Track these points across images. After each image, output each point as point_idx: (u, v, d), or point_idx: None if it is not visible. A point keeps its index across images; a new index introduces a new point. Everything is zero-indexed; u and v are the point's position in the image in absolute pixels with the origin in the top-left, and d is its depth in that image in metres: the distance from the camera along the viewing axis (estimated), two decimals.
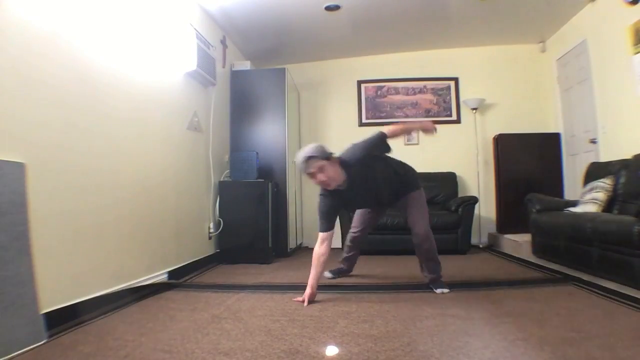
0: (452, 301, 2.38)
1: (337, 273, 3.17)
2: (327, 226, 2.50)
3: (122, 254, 2.59)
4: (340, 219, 4.40)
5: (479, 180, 5.19)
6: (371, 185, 2.51)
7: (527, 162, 4.92)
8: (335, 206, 2.52)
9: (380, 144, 2.44)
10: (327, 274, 3.08)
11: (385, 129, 2.47)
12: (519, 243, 4.20)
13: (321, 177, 2.29)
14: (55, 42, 2.09)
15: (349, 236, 3.08)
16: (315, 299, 2.45)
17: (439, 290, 2.60)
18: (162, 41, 3.17)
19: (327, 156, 2.31)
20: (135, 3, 2.82)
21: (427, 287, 2.70)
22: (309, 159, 2.28)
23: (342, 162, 2.38)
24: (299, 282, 2.88)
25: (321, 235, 2.51)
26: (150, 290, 2.75)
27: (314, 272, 2.46)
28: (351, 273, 3.24)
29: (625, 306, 2.13)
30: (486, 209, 5.16)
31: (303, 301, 2.38)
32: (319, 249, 2.49)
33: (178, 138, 3.45)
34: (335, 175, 2.33)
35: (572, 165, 4.74)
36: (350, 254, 3.15)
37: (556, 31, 4.89)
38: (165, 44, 3.21)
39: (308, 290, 2.42)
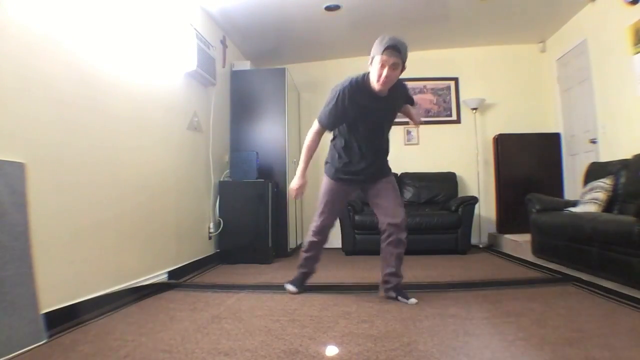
0: (452, 301, 2.38)
1: (301, 282, 2.66)
2: (331, 125, 2.33)
3: (122, 254, 2.59)
4: (339, 218, 4.41)
5: (479, 180, 5.20)
6: (378, 125, 2.35)
7: (527, 162, 4.92)
8: (347, 109, 2.25)
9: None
10: (291, 287, 2.64)
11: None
12: (519, 243, 4.20)
13: (390, 71, 2.11)
14: (56, 43, 2.09)
15: (318, 226, 2.54)
16: (315, 299, 2.45)
17: (412, 301, 2.33)
18: (162, 41, 3.17)
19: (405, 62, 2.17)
20: (135, 4, 2.82)
21: (395, 297, 2.39)
22: (406, 49, 2.11)
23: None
24: None
25: (318, 128, 2.34)
26: (150, 290, 2.75)
27: (304, 164, 2.36)
28: (349, 273, 2.97)
29: (625, 306, 2.13)
30: (486, 209, 5.16)
31: (295, 195, 2.33)
32: (312, 141, 2.34)
33: (178, 138, 3.45)
34: (394, 80, 2.18)
35: (572, 165, 4.74)
36: (313, 253, 2.61)
37: (556, 31, 4.89)
38: (165, 44, 3.21)
39: (299, 181, 2.34)
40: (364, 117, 2.28)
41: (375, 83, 2.18)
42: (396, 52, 2.08)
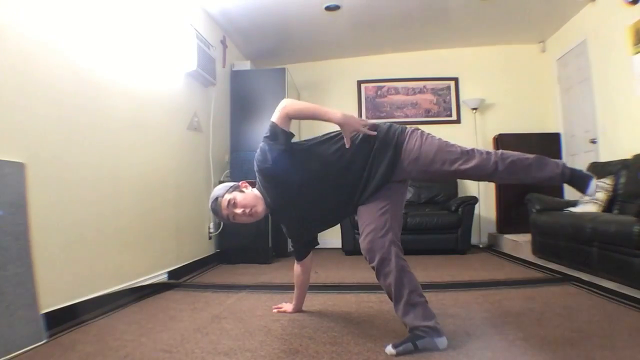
0: (452, 301, 2.38)
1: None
2: (298, 254, 2.13)
3: (122, 254, 2.59)
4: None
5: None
6: (296, 204, 1.85)
7: None
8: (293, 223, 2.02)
9: (270, 141, 1.82)
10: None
11: (277, 115, 1.86)
12: (519, 243, 4.20)
13: (238, 211, 1.81)
14: (56, 43, 2.09)
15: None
16: (315, 299, 2.45)
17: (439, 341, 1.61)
18: (162, 42, 3.17)
19: (230, 188, 1.89)
20: (136, 4, 2.82)
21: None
22: (215, 201, 1.85)
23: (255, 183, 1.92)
24: None
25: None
26: (150, 290, 2.75)
27: (295, 293, 2.21)
28: (349, 273, 2.57)
29: (625, 306, 2.12)
30: (486, 209, 5.16)
31: (284, 310, 2.22)
32: (295, 269, 2.18)
33: (178, 138, 3.45)
34: (250, 200, 1.84)
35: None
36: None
37: (556, 31, 4.89)
38: (165, 44, 3.21)
39: (293, 307, 2.22)
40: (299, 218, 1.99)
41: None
42: (218, 210, 1.85)
